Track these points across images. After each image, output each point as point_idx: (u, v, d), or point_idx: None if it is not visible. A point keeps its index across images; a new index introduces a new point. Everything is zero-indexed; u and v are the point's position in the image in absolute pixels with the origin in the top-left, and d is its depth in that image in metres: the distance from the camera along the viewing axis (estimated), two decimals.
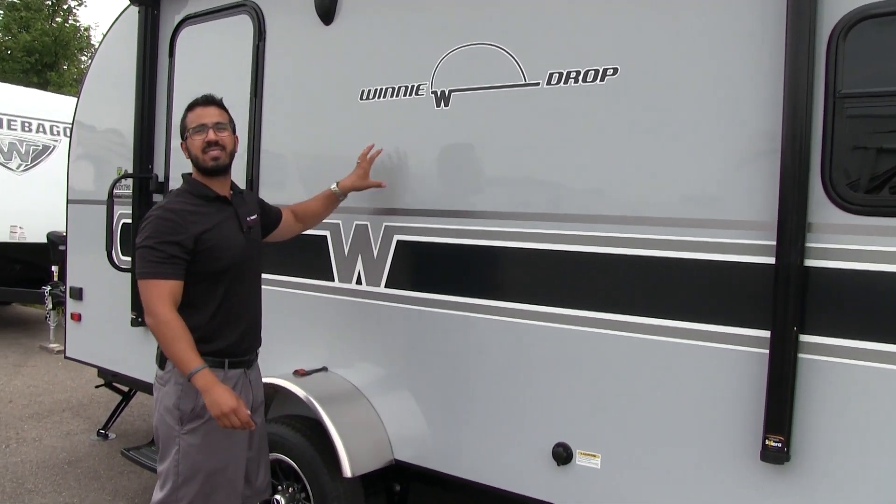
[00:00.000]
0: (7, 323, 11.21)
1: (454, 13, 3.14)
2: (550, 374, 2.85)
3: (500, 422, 3.00)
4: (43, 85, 20.57)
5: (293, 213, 3.41)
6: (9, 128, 10.07)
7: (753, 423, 2.38)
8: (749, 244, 2.41)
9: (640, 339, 2.63)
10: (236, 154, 3.09)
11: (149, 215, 2.88)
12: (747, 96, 2.42)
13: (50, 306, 9.08)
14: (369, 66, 3.42)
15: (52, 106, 10.79)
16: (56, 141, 10.45)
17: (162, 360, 2.93)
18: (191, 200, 2.92)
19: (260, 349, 3.15)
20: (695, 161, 2.52)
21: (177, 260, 2.78)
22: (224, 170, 2.99)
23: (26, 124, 10.26)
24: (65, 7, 23.37)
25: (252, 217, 3.09)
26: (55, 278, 9.04)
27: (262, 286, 3.60)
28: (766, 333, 2.35)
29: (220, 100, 3.07)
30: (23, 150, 10.12)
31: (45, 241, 9.23)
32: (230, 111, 3.93)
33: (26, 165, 10.10)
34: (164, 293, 2.75)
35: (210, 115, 2.99)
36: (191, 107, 3.03)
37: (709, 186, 2.52)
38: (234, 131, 3.07)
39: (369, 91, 3.39)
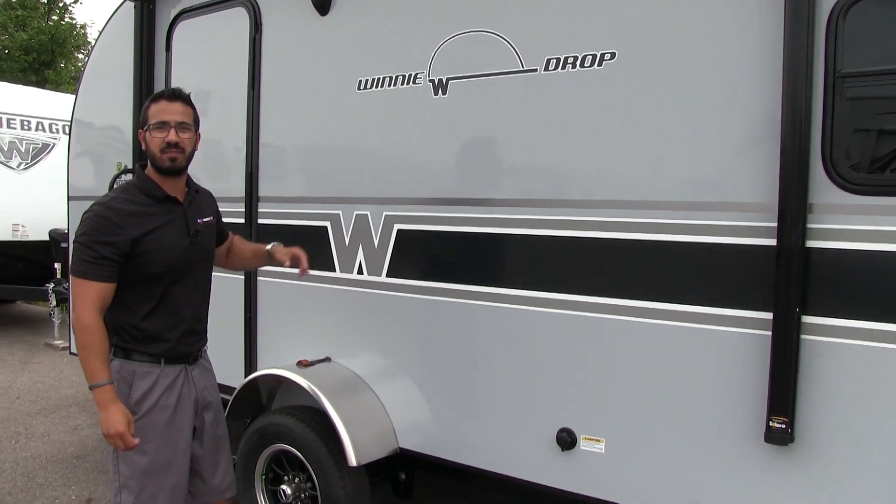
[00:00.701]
0: (12, 321, 11.23)
1: (450, 1, 3.13)
2: (553, 359, 2.85)
3: (504, 408, 3.00)
4: (41, 83, 20.53)
5: (231, 245, 3.29)
6: (8, 126, 10.06)
7: (757, 405, 2.38)
8: (750, 226, 2.41)
9: (642, 323, 2.63)
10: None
11: (91, 209, 2.74)
12: (746, 77, 2.41)
13: (53, 303, 9.09)
14: (366, 55, 3.41)
15: (50, 104, 10.78)
16: (55, 139, 10.45)
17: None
18: (137, 198, 2.79)
19: (207, 347, 3.05)
20: (695, 144, 2.52)
21: (108, 262, 2.66)
22: (180, 171, 2.86)
23: (25, 123, 10.26)
24: (60, 5, 23.30)
25: (205, 219, 2.97)
26: (58, 275, 9.05)
27: (265, 278, 3.60)
28: (769, 315, 2.34)
29: (188, 95, 2.91)
30: (23, 149, 10.11)
31: (47, 238, 9.23)
32: (229, 104, 3.96)
33: (26, 164, 10.10)
34: (91, 295, 2.66)
35: (174, 111, 2.81)
36: (156, 98, 2.86)
37: (709, 169, 2.51)
38: (197, 128, 2.92)
39: (367, 81, 3.38)
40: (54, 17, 22.95)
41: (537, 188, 2.89)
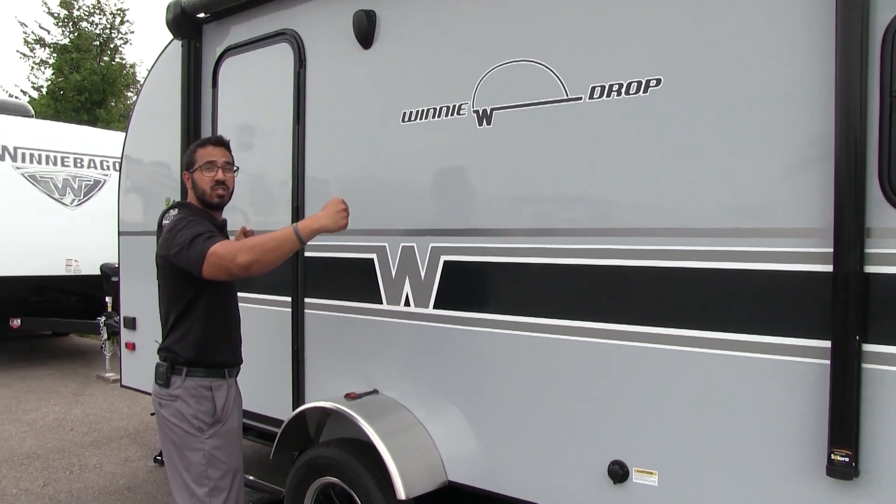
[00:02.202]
0: (65, 354, 11.45)
1: (493, 31, 3.13)
2: (604, 391, 2.80)
3: (554, 440, 2.95)
4: (92, 122, 21.06)
5: None
6: (62, 164, 10.34)
7: (817, 438, 2.30)
8: (804, 252, 2.34)
9: (694, 353, 2.57)
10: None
11: (179, 223, 3.10)
12: (796, 99, 2.36)
13: (105, 336, 9.25)
14: (410, 87, 3.43)
15: (101, 141, 11.07)
16: (106, 175, 10.70)
17: (166, 379, 3.16)
18: (204, 222, 3.18)
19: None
20: (744, 169, 2.47)
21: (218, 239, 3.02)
22: (224, 206, 3.35)
23: (78, 160, 10.53)
24: (112, 46, 23.96)
25: None
26: (109, 309, 9.21)
27: (313, 311, 3.71)
28: (827, 343, 2.27)
29: (228, 142, 3.36)
30: (75, 186, 10.38)
31: (98, 272, 9.41)
32: (274, 138, 4.03)
33: (79, 200, 10.35)
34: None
35: (220, 154, 3.28)
36: (202, 144, 3.31)
37: (760, 195, 2.45)
38: (236, 170, 3.37)
39: (411, 113, 3.39)
40: (105, 58, 23.58)
41: (584, 217, 2.86)
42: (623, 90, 2.72)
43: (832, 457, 2.25)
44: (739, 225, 2.47)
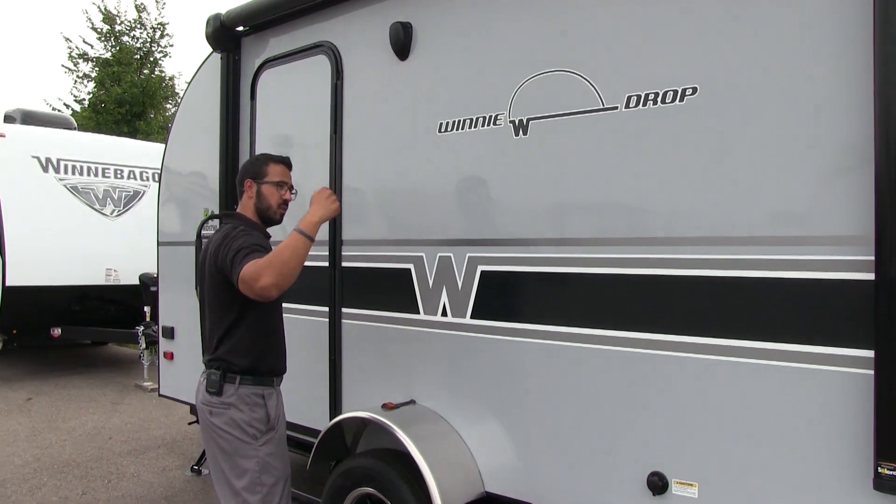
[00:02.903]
0: (104, 362, 11.61)
1: (528, 42, 3.14)
2: (644, 401, 2.78)
3: (592, 451, 2.93)
4: (132, 133, 21.42)
5: None
6: (103, 175, 10.53)
7: (863, 450, 2.26)
8: (845, 260, 2.30)
9: (734, 363, 2.54)
10: None
11: (234, 232, 3.16)
12: (835, 104, 2.33)
13: (143, 346, 9.38)
14: (446, 98, 3.44)
15: (140, 153, 11.25)
16: (146, 186, 10.87)
17: (219, 387, 3.18)
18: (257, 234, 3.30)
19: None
20: (782, 176, 2.43)
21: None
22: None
23: (118, 171, 10.71)
24: (151, 59, 24.37)
25: None
26: (147, 318, 9.34)
27: (350, 321, 3.74)
28: (871, 353, 2.23)
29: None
30: (115, 196, 10.55)
31: (137, 282, 9.55)
32: (311, 149, 4.09)
33: (119, 211, 10.52)
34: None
35: (289, 176, 3.46)
36: (277, 161, 3.42)
37: (799, 202, 2.42)
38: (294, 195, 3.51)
39: (447, 123, 3.41)
40: (145, 71, 23.98)
41: (621, 226, 2.84)
42: (659, 99, 2.71)
43: (879, 470, 2.20)
44: (779, 233, 2.44)
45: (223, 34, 4.58)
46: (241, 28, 4.59)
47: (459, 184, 3.38)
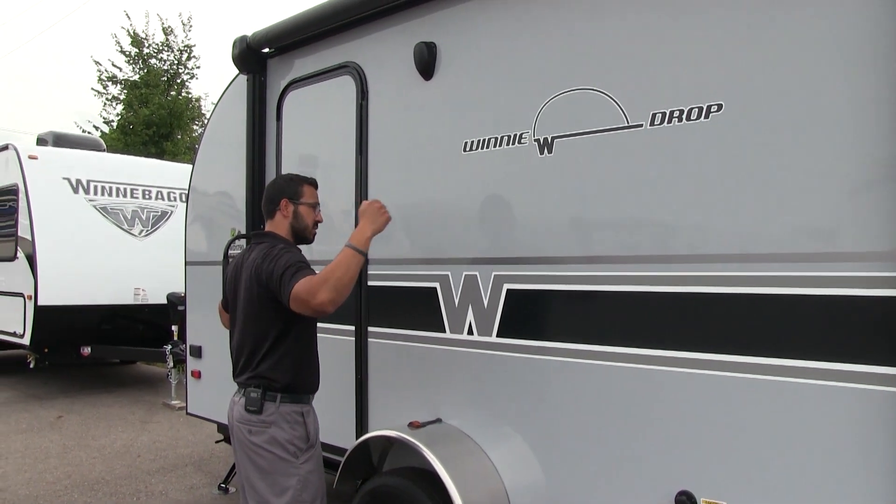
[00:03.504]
0: (132, 381, 11.71)
1: (552, 60, 3.15)
2: (672, 419, 2.76)
3: (620, 470, 2.91)
4: (160, 154, 21.70)
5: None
6: (132, 196, 10.68)
7: (893, 469, 2.23)
8: (874, 277, 2.28)
9: (762, 381, 2.51)
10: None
11: (275, 251, 3.21)
12: (861, 120, 2.31)
13: (171, 364, 9.45)
14: (471, 117, 3.46)
15: (168, 173, 11.39)
16: (173, 206, 11.00)
17: (260, 405, 3.20)
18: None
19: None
20: (809, 193, 2.42)
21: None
22: None
23: (146, 192, 10.85)
24: (178, 81, 24.70)
25: None
26: (175, 337, 9.41)
27: (376, 339, 3.77)
28: None
29: None
30: (143, 217, 10.68)
31: (165, 301, 9.63)
32: (337, 169, 4.13)
33: (147, 231, 10.65)
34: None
35: (318, 198, 3.53)
36: (309, 182, 3.50)
37: (827, 218, 2.39)
38: None
39: (472, 142, 3.42)
40: (172, 93, 24.31)
41: (647, 244, 2.84)
42: (684, 116, 2.70)
43: None
44: (805, 250, 2.42)
45: (249, 56, 4.64)
46: (266, 50, 4.65)
47: (484, 202, 3.39)
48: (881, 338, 2.27)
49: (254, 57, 4.65)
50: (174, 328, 9.49)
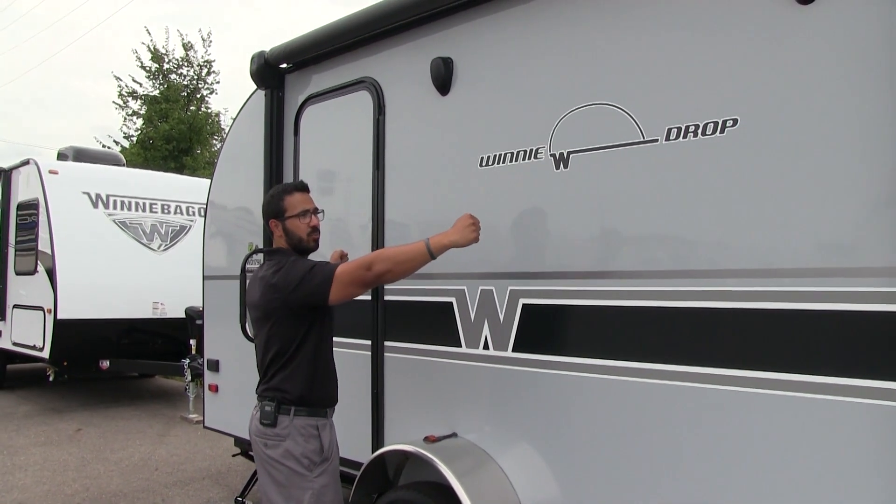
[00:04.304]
0: (151, 395, 11.76)
1: (568, 76, 3.16)
2: (687, 435, 2.73)
3: (635, 485, 2.89)
4: (179, 169, 21.89)
5: None
6: (150, 211, 10.78)
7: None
8: (885, 292, 2.26)
9: (777, 396, 2.48)
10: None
11: (283, 263, 3.25)
12: (878, 133, 2.29)
13: (189, 378, 9.48)
14: (487, 132, 3.47)
15: (186, 188, 11.49)
16: (192, 221, 11.08)
17: (274, 418, 3.22)
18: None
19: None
20: (825, 207, 2.40)
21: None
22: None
23: (165, 207, 10.95)
24: (198, 96, 24.93)
25: None
26: (193, 351, 9.46)
27: (392, 354, 3.83)
28: None
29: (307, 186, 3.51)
30: (162, 231, 10.77)
31: (183, 315, 9.69)
32: (354, 184, 4.14)
33: (166, 245, 10.73)
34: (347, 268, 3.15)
35: (309, 201, 3.44)
36: (289, 191, 3.42)
37: (843, 233, 2.37)
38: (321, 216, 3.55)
39: (488, 157, 3.43)
40: (192, 108, 24.52)
41: (664, 259, 2.83)
42: (700, 131, 2.70)
43: None
44: (822, 265, 2.40)
45: (267, 71, 4.68)
46: (284, 65, 4.69)
47: (500, 217, 3.39)
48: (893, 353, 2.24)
49: (271, 72, 4.69)
50: (192, 342, 9.54)
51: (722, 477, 2.64)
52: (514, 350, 3.31)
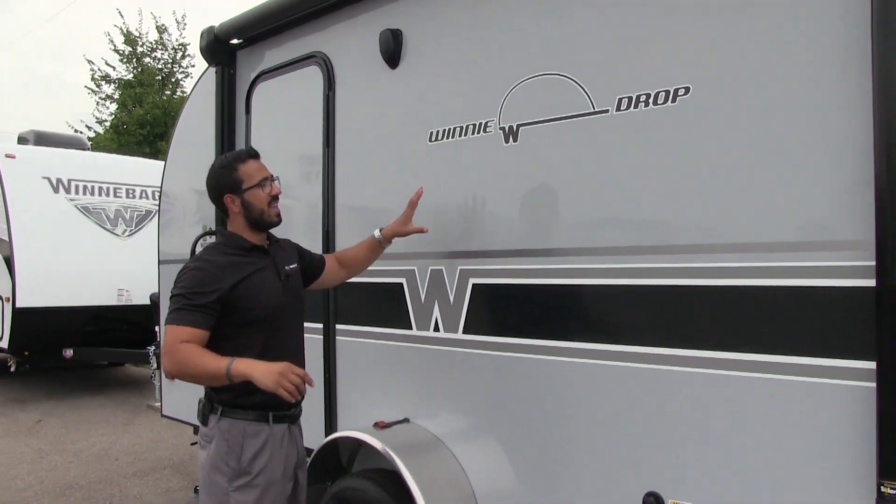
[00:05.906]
0: (119, 383, 11.59)
1: (517, 46, 3.04)
2: (637, 418, 2.63)
3: (588, 471, 2.79)
4: (154, 154, 21.59)
5: (337, 260, 3.42)
6: (115, 195, 10.56)
7: (865, 468, 2.10)
8: (844, 266, 2.15)
9: (727, 377, 2.38)
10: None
11: (185, 268, 2.82)
12: (835, 104, 2.18)
13: (154, 366, 9.29)
14: (437, 106, 3.34)
15: (152, 172, 11.25)
16: (157, 205, 10.88)
17: (204, 417, 2.89)
18: (227, 251, 2.91)
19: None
20: (779, 178, 2.30)
21: (207, 310, 2.70)
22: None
23: (131, 191, 10.75)
24: (173, 80, 24.61)
25: (291, 266, 3.10)
26: (158, 338, 9.28)
27: (344, 337, 3.64)
28: (872, 364, 2.08)
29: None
30: (127, 216, 10.57)
31: (148, 302, 9.51)
32: (305, 162, 3.99)
33: (131, 231, 10.53)
34: (182, 335, 2.64)
35: (265, 168, 3.02)
36: (241, 159, 2.98)
37: (795, 206, 2.26)
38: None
39: (438, 132, 3.31)
40: (167, 92, 24.20)
41: (615, 235, 2.72)
42: (651, 100, 2.59)
43: (882, 489, 2.04)
44: (773, 239, 2.30)
45: (217, 47, 4.52)
46: (235, 41, 4.53)
47: (451, 194, 3.27)
48: (850, 331, 2.13)
49: (221, 48, 4.54)
50: (157, 329, 9.36)
51: (673, 461, 2.54)
52: (464, 332, 3.20)
